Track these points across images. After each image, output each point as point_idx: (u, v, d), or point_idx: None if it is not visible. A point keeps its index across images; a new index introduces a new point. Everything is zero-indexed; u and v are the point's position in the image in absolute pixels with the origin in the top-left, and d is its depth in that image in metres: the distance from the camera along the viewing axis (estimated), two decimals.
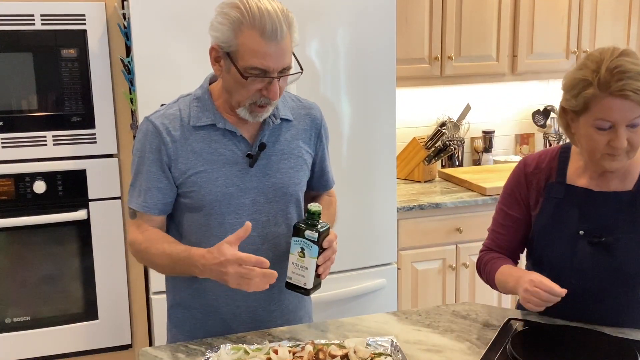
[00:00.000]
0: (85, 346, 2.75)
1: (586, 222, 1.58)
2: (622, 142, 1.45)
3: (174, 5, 2.35)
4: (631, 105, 1.43)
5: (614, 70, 1.42)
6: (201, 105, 1.61)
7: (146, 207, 1.61)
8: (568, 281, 1.55)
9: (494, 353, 1.46)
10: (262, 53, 1.46)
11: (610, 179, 1.58)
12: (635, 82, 1.41)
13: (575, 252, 1.58)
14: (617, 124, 1.45)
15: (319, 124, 1.74)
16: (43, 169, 2.61)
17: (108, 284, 2.74)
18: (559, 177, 1.64)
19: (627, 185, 1.57)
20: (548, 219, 1.63)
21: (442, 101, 3.61)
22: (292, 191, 1.67)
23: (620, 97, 1.42)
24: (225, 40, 1.49)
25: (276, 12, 1.46)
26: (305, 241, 1.52)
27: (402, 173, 3.40)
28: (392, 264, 2.83)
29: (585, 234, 1.57)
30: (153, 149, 1.59)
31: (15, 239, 2.65)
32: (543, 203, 1.65)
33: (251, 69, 1.48)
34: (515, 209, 1.71)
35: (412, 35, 3.13)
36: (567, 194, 1.61)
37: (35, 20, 2.51)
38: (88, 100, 2.62)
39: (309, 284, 1.53)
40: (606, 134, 1.47)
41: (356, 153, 2.67)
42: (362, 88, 2.64)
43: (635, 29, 3.59)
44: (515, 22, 3.33)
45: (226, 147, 1.61)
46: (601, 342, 1.49)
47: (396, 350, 1.43)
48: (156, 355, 1.52)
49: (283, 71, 1.51)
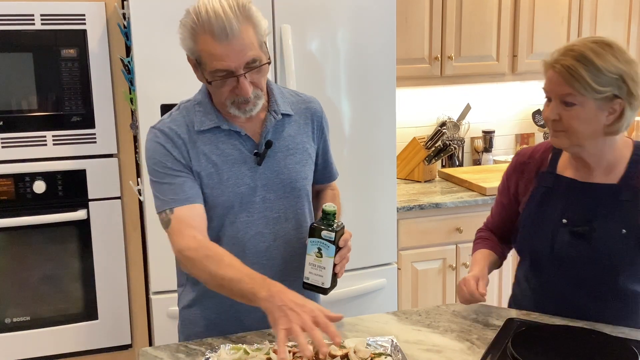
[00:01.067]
0: (85, 346, 2.75)
1: (569, 212, 1.61)
2: (550, 113, 1.54)
3: (174, 5, 2.33)
4: (559, 80, 1.51)
5: (567, 48, 1.53)
6: (203, 109, 1.62)
7: (190, 198, 1.56)
8: (548, 269, 1.62)
9: (494, 353, 1.46)
10: (218, 55, 1.46)
11: (594, 171, 1.61)
12: (571, 61, 1.49)
13: (555, 240, 1.61)
14: (552, 96, 1.55)
15: (320, 117, 1.75)
16: (43, 168, 2.61)
17: (108, 283, 2.74)
18: (550, 167, 1.68)
19: (612, 179, 1.59)
20: (535, 207, 1.67)
21: (442, 101, 3.61)
22: (300, 186, 1.68)
23: (552, 69, 1.53)
24: (189, 49, 1.52)
25: (225, 11, 1.44)
26: (322, 241, 1.53)
27: (402, 173, 3.40)
28: (392, 264, 2.83)
29: (567, 223, 1.61)
30: (168, 154, 1.58)
31: (15, 239, 2.65)
32: (532, 191, 1.69)
33: (215, 72, 1.49)
34: (504, 195, 1.78)
35: (412, 35, 3.13)
36: (555, 183, 1.65)
37: (35, 20, 2.52)
38: (88, 100, 2.62)
39: (326, 283, 1.55)
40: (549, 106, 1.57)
41: (356, 153, 2.67)
42: (362, 88, 2.64)
43: (635, 29, 3.59)
44: (515, 22, 3.33)
45: (233, 147, 1.61)
46: (601, 342, 1.48)
47: (396, 350, 1.43)
48: (156, 355, 1.52)
49: (248, 66, 1.49)
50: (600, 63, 1.47)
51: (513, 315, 1.67)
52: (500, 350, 1.46)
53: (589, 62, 1.48)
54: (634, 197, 1.55)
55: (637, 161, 1.58)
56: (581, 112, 1.50)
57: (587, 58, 1.48)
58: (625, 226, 1.55)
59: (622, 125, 1.53)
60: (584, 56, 1.49)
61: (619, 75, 1.48)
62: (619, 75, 1.48)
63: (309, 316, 1.31)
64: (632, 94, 1.50)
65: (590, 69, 1.47)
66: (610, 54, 1.49)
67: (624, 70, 1.49)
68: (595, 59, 1.48)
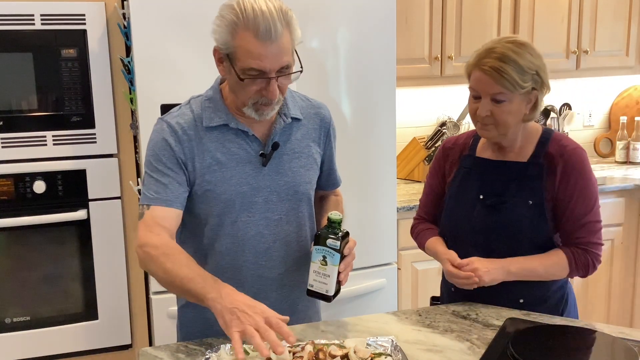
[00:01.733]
0: (85, 346, 2.75)
1: (486, 188, 1.81)
2: (482, 110, 1.70)
3: (174, 5, 2.35)
4: (489, 80, 1.67)
5: (488, 49, 1.69)
6: (213, 105, 1.62)
7: (168, 200, 1.58)
8: (465, 242, 1.81)
9: (494, 353, 1.46)
10: (257, 54, 1.46)
11: (508, 152, 1.81)
12: (497, 62, 1.65)
13: (472, 213, 1.81)
14: (479, 94, 1.71)
15: (328, 124, 1.76)
16: (43, 168, 2.61)
17: (108, 283, 2.74)
18: (470, 151, 1.88)
19: (522, 158, 1.79)
20: (457, 186, 1.87)
21: (442, 101, 3.61)
22: (303, 190, 1.68)
23: (481, 71, 1.68)
24: (224, 43, 1.49)
25: (271, 12, 1.45)
26: (328, 249, 1.54)
27: (402, 173, 3.40)
28: (392, 264, 2.83)
29: (484, 198, 1.80)
30: (169, 147, 1.59)
31: (15, 239, 2.65)
32: (455, 172, 1.89)
33: (248, 70, 1.48)
34: (434, 177, 1.96)
35: (412, 35, 3.13)
36: (474, 164, 1.86)
37: (35, 20, 2.52)
38: (88, 100, 2.62)
39: (330, 290, 1.56)
40: (477, 103, 1.73)
41: (356, 153, 2.67)
42: (362, 88, 2.64)
43: (635, 29, 3.59)
44: (515, 22, 3.33)
45: (239, 146, 1.61)
46: (601, 342, 1.49)
47: (396, 350, 1.42)
48: (156, 355, 1.52)
49: (281, 70, 1.50)
50: (521, 62, 1.66)
51: (513, 315, 1.67)
52: (500, 350, 1.46)
53: (512, 61, 1.66)
54: (539, 172, 1.75)
55: (544, 143, 1.78)
56: (510, 106, 1.70)
57: (510, 58, 1.66)
58: (531, 198, 1.74)
59: (537, 112, 1.76)
60: (508, 56, 1.66)
61: (536, 70, 1.69)
62: (536, 70, 1.69)
63: (261, 317, 1.33)
64: (544, 84, 1.73)
65: (516, 68, 1.66)
66: (526, 51, 1.68)
67: (538, 65, 1.70)
68: (517, 58, 1.66)
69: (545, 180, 1.74)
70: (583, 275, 1.76)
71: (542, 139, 1.79)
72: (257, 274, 1.67)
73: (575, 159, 1.74)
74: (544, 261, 1.74)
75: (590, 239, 1.74)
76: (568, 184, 1.73)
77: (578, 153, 1.75)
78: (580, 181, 1.73)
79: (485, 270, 1.69)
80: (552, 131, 1.82)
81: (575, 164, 1.73)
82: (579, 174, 1.73)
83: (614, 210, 3.30)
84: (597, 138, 4.07)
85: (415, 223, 2.03)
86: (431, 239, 1.91)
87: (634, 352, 1.41)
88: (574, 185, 1.72)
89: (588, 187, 1.73)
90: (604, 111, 4.10)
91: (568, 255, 1.74)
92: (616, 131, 3.93)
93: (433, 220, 1.97)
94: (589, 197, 1.73)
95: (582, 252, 1.74)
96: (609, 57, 3.60)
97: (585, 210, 1.73)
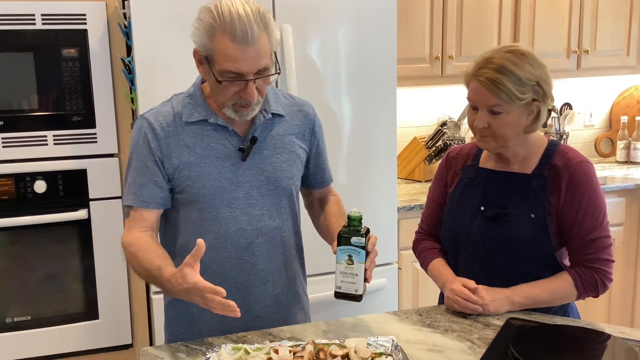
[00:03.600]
0: (85, 346, 2.75)
1: (487, 199, 1.76)
2: (478, 122, 1.68)
3: (174, 5, 2.35)
4: (486, 92, 1.63)
5: (486, 59, 1.64)
6: (193, 102, 1.64)
7: (144, 201, 1.62)
8: (464, 253, 1.78)
9: (495, 353, 1.46)
10: (234, 57, 1.47)
11: (511, 163, 1.76)
12: (494, 73, 1.61)
13: (473, 225, 1.76)
14: (476, 105, 1.68)
15: (312, 121, 1.76)
16: (44, 168, 2.61)
17: (109, 283, 2.74)
18: (473, 161, 1.84)
19: (526, 169, 1.74)
20: (458, 196, 1.82)
21: (443, 101, 3.61)
22: (284, 185, 1.69)
23: (478, 82, 1.64)
24: (202, 45, 1.51)
25: (248, 15, 1.45)
26: (353, 248, 1.53)
27: (402, 173, 3.40)
28: (392, 264, 2.83)
29: (485, 210, 1.75)
30: (147, 144, 1.61)
31: (16, 239, 2.65)
32: (457, 182, 1.84)
33: (226, 73, 1.50)
34: (437, 187, 1.91)
35: (412, 34, 3.13)
36: (477, 175, 1.81)
37: (36, 20, 2.52)
38: (89, 99, 2.62)
39: (360, 289, 1.54)
40: (475, 114, 1.69)
41: (357, 153, 2.67)
42: (362, 88, 2.64)
43: (636, 29, 3.59)
44: (516, 22, 3.33)
45: (218, 141, 1.62)
46: (601, 342, 1.49)
47: (397, 350, 1.42)
48: (157, 355, 1.52)
49: (259, 72, 1.51)
50: (520, 73, 1.61)
51: (513, 315, 1.67)
52: (501, 350, 1.46)
53: (510, 73, 1.61)
54: (543, 185, 1.70)
55: (549, 155, 1.72)
56: (507, 118, 1.65)
57: (507, 69, 1.61)
58: (533, 211, 1.69)
59: (540, 123, 1.70)
60: (505, 67, 1.61)
61: (536, 82, 1.63)
62: (536, 81, 1.63)
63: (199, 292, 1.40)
64: (547, 95, 1.67)
65: (513, 80, 1.61)
66: (526, 62, 1.63)
67: (539, 76, 1.64)
68: (515, 69, 1.61)
69: (550, 193, 1.69)
70: (594, 295, 1.69)
71: (548, 151, 1.73)
72: (241, 269, 1.67)
73: (581, 173, 1.68)
74: (548, 286, 1.68)
75: (600, 255, 1.67)
76: (574, 199, 1.67)
77: (584, 166, 1.69)
78: (586, 196, 1.66)
79: (491, 300, 1.66)
80: (558, 143, 1.76)
81: (581, 178, 1.67)
82: (585, 188, 1.67)
83: (615, 210, 3.30)
84: (597, 138, 4.07)
85: (417, 238, 1.98)
86: (435, 261, 1.87)
87: (634, 352, 1.41)
88: (580, 200, 1.66)
89: (595, 201, 1.67)
90: (604, 111, 4.10)
91: (574, 277, 1.68)
92: (617, 131, 3.93)
93: (436, 233, 1.92)
94: (597, 212, 1.67)
95: (589, 271, 1.67)
96: (609, 57, 3.60)
97: (593, 225, 1.66)
